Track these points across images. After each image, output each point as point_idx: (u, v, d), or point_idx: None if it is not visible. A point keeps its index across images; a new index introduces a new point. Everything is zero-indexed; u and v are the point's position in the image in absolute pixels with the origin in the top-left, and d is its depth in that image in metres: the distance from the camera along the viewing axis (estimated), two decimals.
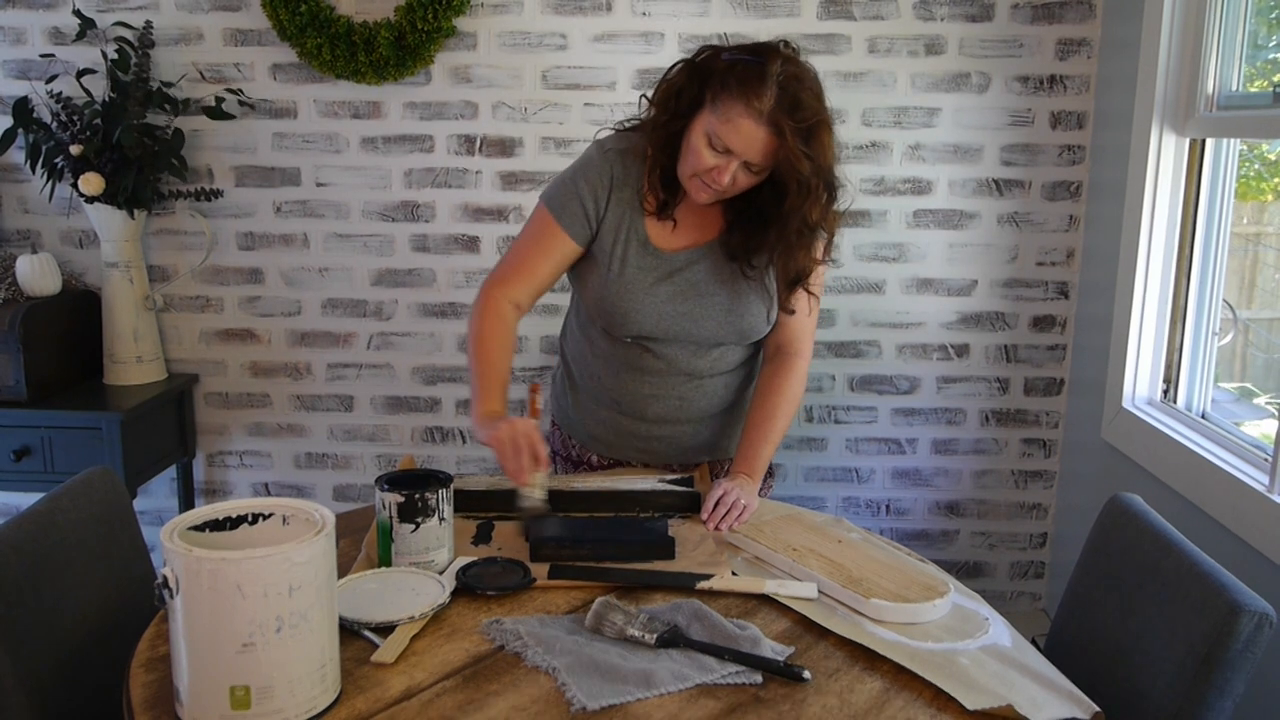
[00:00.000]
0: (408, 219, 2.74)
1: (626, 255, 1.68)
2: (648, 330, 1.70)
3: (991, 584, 2.91)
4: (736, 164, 1.55)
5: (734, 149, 1.53)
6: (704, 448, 1.83)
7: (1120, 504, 1.54)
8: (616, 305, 1.68)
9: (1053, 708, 1.15)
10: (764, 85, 1.50)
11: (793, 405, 1.77)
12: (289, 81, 2.67)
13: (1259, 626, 1.21)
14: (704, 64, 1.58)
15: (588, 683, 1.15)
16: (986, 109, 2.65)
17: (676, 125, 1.60)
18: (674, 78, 1.61)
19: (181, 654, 1.06)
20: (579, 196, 1.68)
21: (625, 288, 1.67)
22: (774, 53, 1.54)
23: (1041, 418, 2.82)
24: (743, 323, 1.72)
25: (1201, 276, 2.32)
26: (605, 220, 1.68)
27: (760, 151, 1.53)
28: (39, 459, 2.49)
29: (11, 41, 2.67)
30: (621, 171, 1.68)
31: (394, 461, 2.87)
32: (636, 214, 1.68)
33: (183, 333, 2.82)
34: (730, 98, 1.51)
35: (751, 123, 1.51)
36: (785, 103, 1.50)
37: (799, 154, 1.52)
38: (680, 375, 1.74)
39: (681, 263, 1.69)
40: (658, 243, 1.69)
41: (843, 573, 1.41)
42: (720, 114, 1.53)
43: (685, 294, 1.69)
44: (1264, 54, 2.23)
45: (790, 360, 1.79)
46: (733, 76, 1.52)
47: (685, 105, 1.58)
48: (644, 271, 1.68)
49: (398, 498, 1.38)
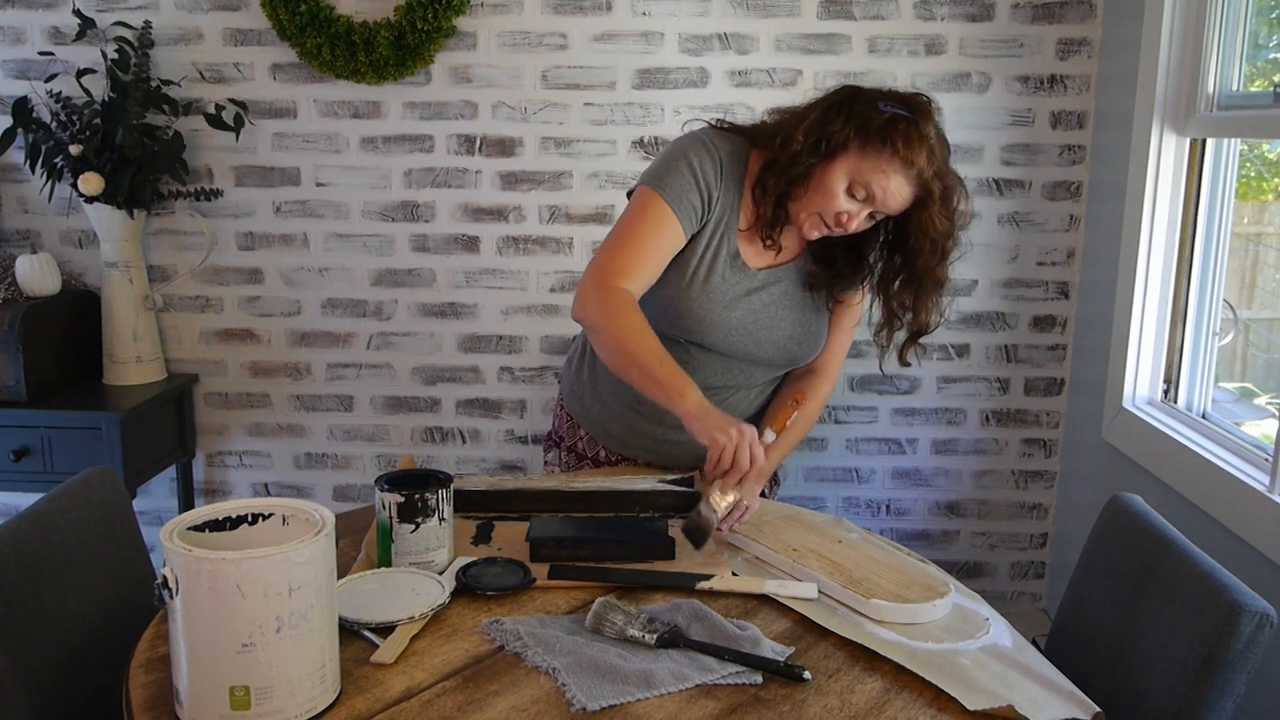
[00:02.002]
0: (408, 219, 2.74)
1: (715, 265, 1.64)
2: (712, 342, 1.67)
3: (992, 584, 2.91)
4: (868, 212, 1.56)
5: (876, 200, 1.54)
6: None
7: (1120, 504, 1.54)
8: (691, 311, 1.64)
9: (1053, 708, 1.15)
10: (922, 145, 1.51)
11: (811, 422, 1.79)
12: (289, 81, 2.67)
13: (1259, 626, 1.21)
14: (857, 110, 1.55)
15: (588, 683, 1.15)
16: (987, 109, 2.65)
17: (816, 163, 1.56)
18: (822, 116, 1.57)
19: (181, 654, 1.06)
20: (698, 187, 1.60)
21: (707, 298, 1.64)
22: (927, 111, 1.55)
23: (1042, 418, 2.82)
24: (800, 350, 1.72)
25: (1202, 276, 2.32)
26: (710, 218, 1.63)
27: (899, 206, 1.55)
28: (39, 459, 2.49)
29: (11, 41, 2.67)
30: (730, 172, 1.63)
31: (394, 461, 2.87)
32: (733, 223, 1.64)
33: (182, 333, 2.82)
34: (890, 150, 1.51)
35: (903, 179, 1.52)
36: (935, 166, 1.53)
37: (939, 216, 1.55)
38: (712, 387, 1.70)
39: (761, 282, 1.67)
40: (745, 258, 1.66)
41: (843, 573, 1.41)
42: (872, 163, 1.52)
43: (758, 315, 1.67)
44: (1264, 54, 2.23)
45: (817, 382, 1.79)
46: (894, 131, 1.51)
47: (831, 147, 1.55)
48: (728, 285, 1.65)
49: (398, 498, 1.38)
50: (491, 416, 2.85)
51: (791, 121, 1.60)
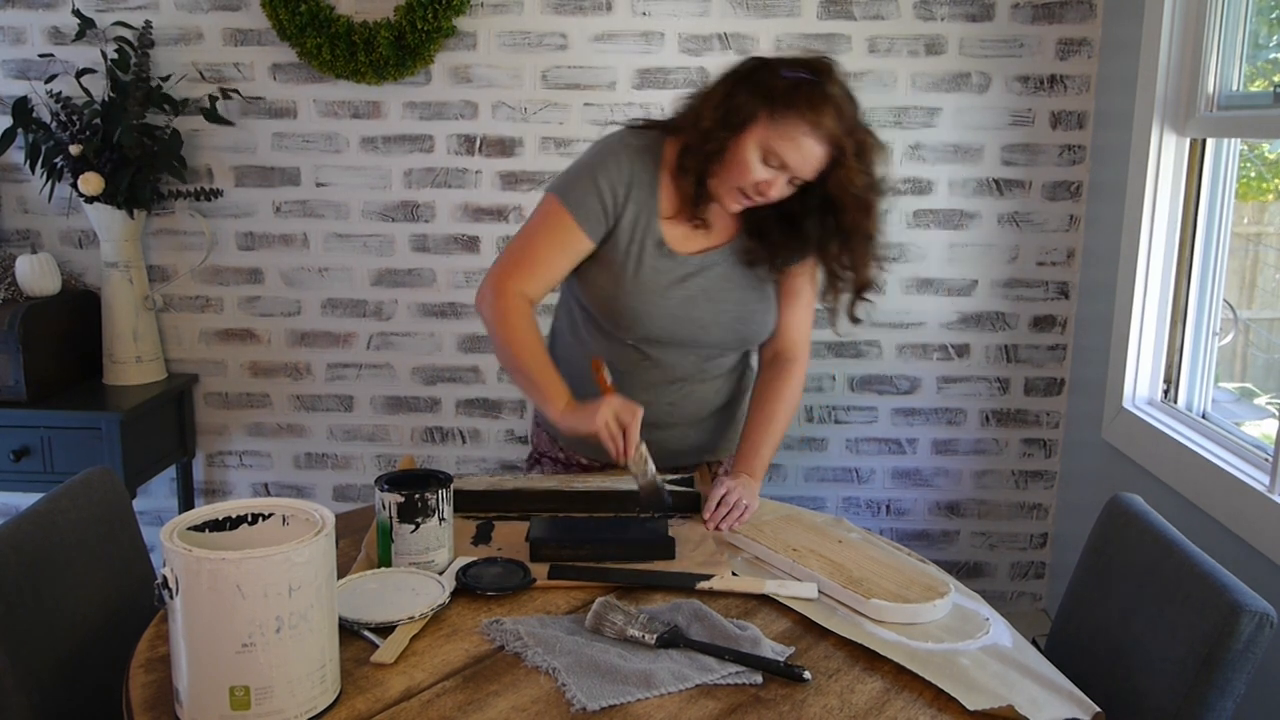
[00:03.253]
0: (408, 219, 2.74)
1: (642, 257, 1.66)
2: (655, 334, 1.69)
3: (992, 584, 2.91)
4: (785, 178, 1.57)
5: (790, 164, 1.55)
6: (690, 452, 1.83)
7: (1120, 504, 1.54)
8: (629, 307, 1.67)
9: (1053, 708, 1.15)
10: (826, 105, 1.53)
11: (792, 409, 1.79)
12: (289, 81, 2.67)
13: (1260, 626, 1.21)
14: (760, 80, 1.57)
15: (588, 683, 1.15)
16: (987, 109, 2.65)
17: (726, 138, 1.58)
18: (725, 91, 1.59)
19: (181, 654, 1.06)
20: (598, 193, 1.64)
21: (640, 290, 1.66)
22: (830, 72, 1.56)
23: (1042, 418, 2.82)
24: (748, 329, 1.73)
25: (1202, 276, 2.32)
26: (623, 220, 1.65)
27: (814, 168, 1.56)
28: (39, 459, 2.49)
29: (11, 41, 2.67)
30: (641, 172, 1.66)
31: (394, 461, 2.87)
32: (653, 215, 1.66)
33: (182, 333, 2.82)
34: (795, 115, 1.52)
35: (814, 141, 1.53)
36: (844, 123, 1.54)
37: (856, 171, 1.56)
38: (674, 381, 1.74)
39: (695, 267, 1.69)
40: (673, 245, 1.68)
41: (843, 573, 1.41)
42: (780, 130, 1.53)
43: (697, 299, 1.68)
44: (1264, 54, 2.23)
45: (789, 366, 1.80)
46: (796, 95, 1.52)
47: (739, 120, 1.56)
48: (659, 274, 1.67)
49: (398, 498, 1.38)
50: (491, 416, 2.85)
51: (701, 101, 1.62)
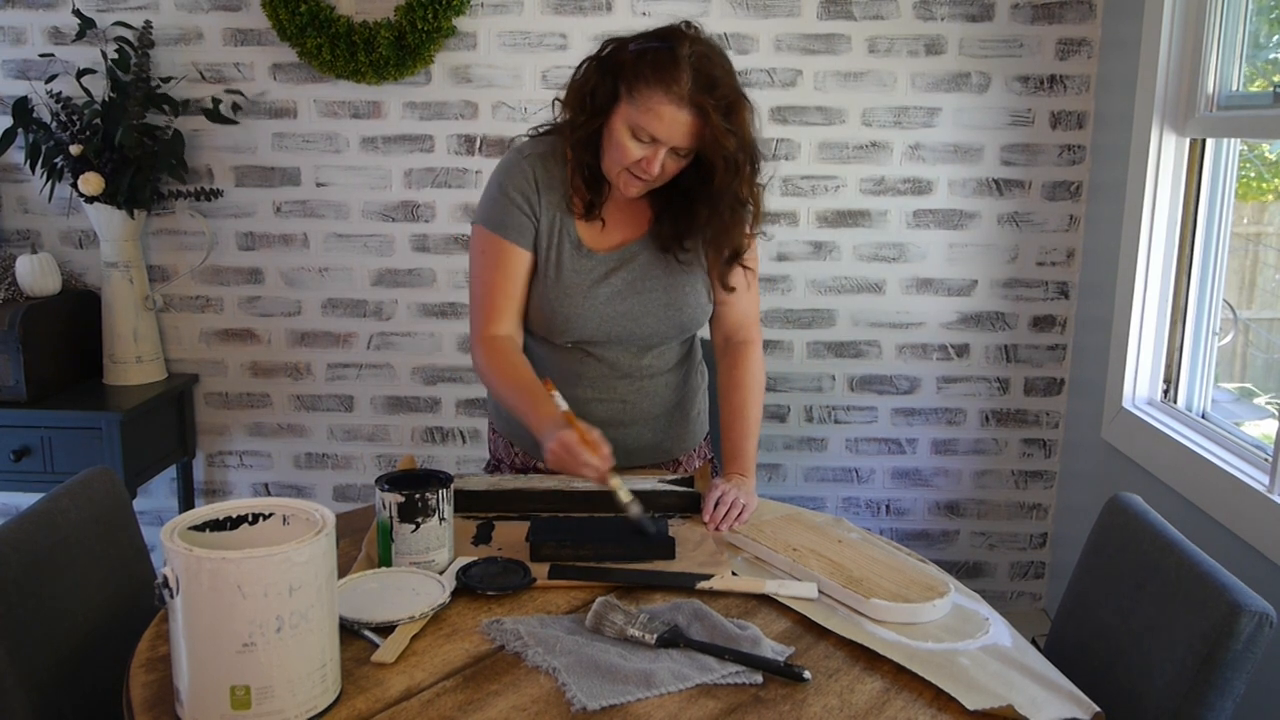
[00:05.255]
0: (408, 219, 2.74)
1: (561, 260, 1.67)
2: (589, 334, 1.69)
3: (991, 584, 2.91)
4: (663, 151, 1.55)
5: (659, 136, 1.53)
6: (647, 450, 1.82)
7: (1120, 504, 1.54)
8: (557, 310, 1.67)
9: (1053, 708, 1.15)
10: (679, 69, 1.50)
11: (759, 392, 1.78)
12: (289, 81, 2.67)
13: (1259, 626, 1.21)
14: (612, 58, 1.57)
15: (588, 683, 1.15)
16: (986, 109, 2.65)
17: (595, 124, 1.59)
18: (584, 77, 1.60)
19: (181, 654, 1.06)
20: (514, 205, 1.66)
21: (564, 292, 1.66)
22: (680, 35, 1.55)
23: (1041, 418, 2.82)
24: (682, 315, 1.73)
25: (1202, 276, 2.32)
26: (540, 224, 1.67)
27: (685, 135, 1.53)
28: (39, 459, 2.49)
29: (11, 41, 2.67)
30: (545, 175, 1.67)
31: (394, 461, 2.87)
32: (566, 216, 1.67)
33: (183, 333, 2.82)
34: (648, 87, 1.51)
35: (673, 108, 1.51)
36: (702, 83, 1.51)
37: (723, 131, 1.52)
38: (621, 378, 1.74)
39: (616, 261, 1.69)
40: (590, 243, 1.68)
41: (843, 573, 1.41)
42: (640, 104, 1.52)
43: (623, 293, 1.68)
44: (1264, 54, 2.23)
45: (742, 349, 1.80)
46: (645, 65, 1.52)
47: (601, 102, 1.57)
48: (580, 274, 1.67)
49: (398, 498, 1.38)
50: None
51: (571, 93, 1.62)
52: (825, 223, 2.73)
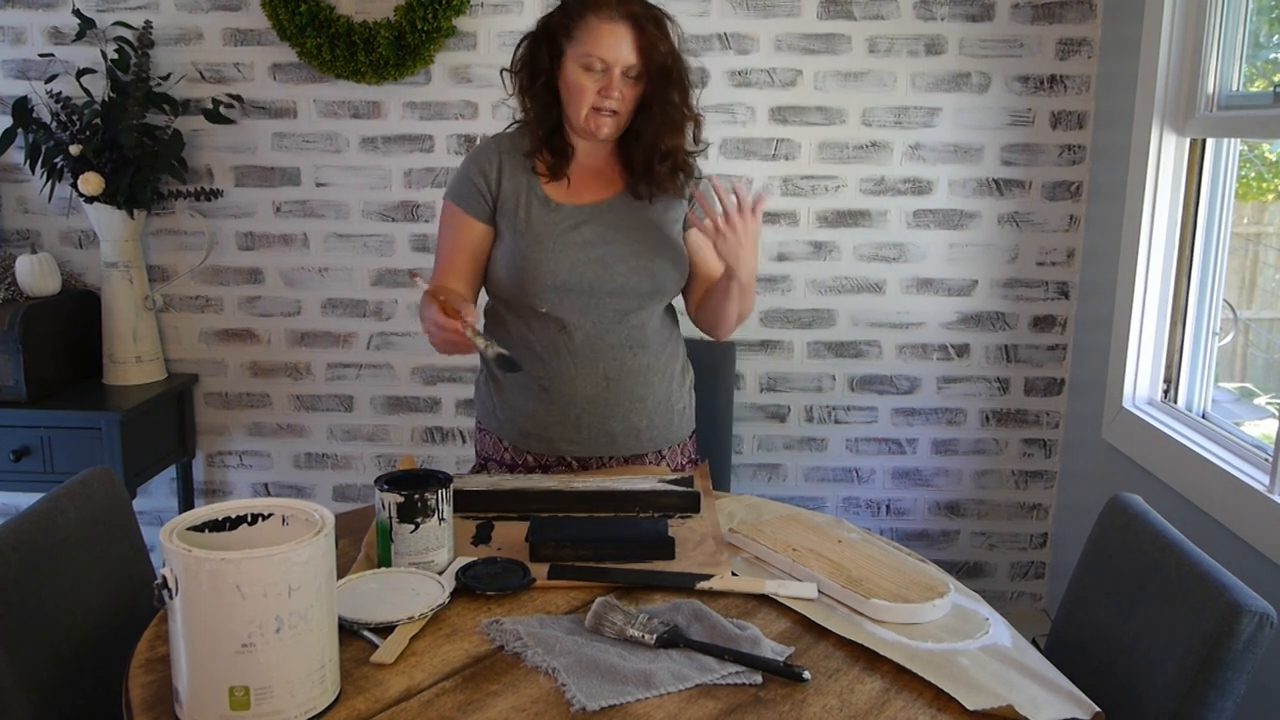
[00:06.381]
0: (408, 219, 2.74)
1: (530, 215, 1.75)
2: (561, 280, 1.72)
3: (991, 584, 2.91)
4: (618, 74, 1.66)
5: (606, 58, 1.65)
6: (630, 436, 1.83)
7: (1120, 504, 1.54)
8: (528, 258, 1.72)
9: (1053, 708, 1.15)
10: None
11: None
12: (289, 81, 2.67)
13: (1259, 626, 1.21)
14: (544, 24, 1.73)
15: (588, 683, 1.15)
16: (986, 109, 2.65)
17: (548, 82, 1.71)
18: (525, 51, 1.74)
19: (181, 654, 1.06)
20: (470, 178, 1.77)
21: (534, 239, 1.73)
22: None
23: (1042, 418, 2.82)
24: (655, 268, 1.77)
25: (1202, 276, 2.32)
26: (502, 190, 1.76)
27: (629, 49, 1.65)
28: (39, 459, 2.49)
29: (11, 41, 2.67)
30: (509, 145, 1.79)
31: (394, 461, 2.87)
32: (533, 178, 1.77)
33: (182, 333, 2.82)
34: (582, 19, 1.66)
35: (610, 24, 1.64)
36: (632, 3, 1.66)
37: (656, 38, 1.66)
38: (602, 348, 1.77)
39: (586, 215, 1.76)
40: (558, 199, 1.76)
41: (843, 573, 1.41)
42: (580, 38, 1.65)
43: (593, 243, 1.74)
44: (1264, 54, 2.23)
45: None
46: (574, 5, 1.67)
47: (546, 60, 1.71)
48: (550, 225, 1.74)
49: (397, 498, 1.38)
50: None
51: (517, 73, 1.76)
52: (825, 223, 2.73)
